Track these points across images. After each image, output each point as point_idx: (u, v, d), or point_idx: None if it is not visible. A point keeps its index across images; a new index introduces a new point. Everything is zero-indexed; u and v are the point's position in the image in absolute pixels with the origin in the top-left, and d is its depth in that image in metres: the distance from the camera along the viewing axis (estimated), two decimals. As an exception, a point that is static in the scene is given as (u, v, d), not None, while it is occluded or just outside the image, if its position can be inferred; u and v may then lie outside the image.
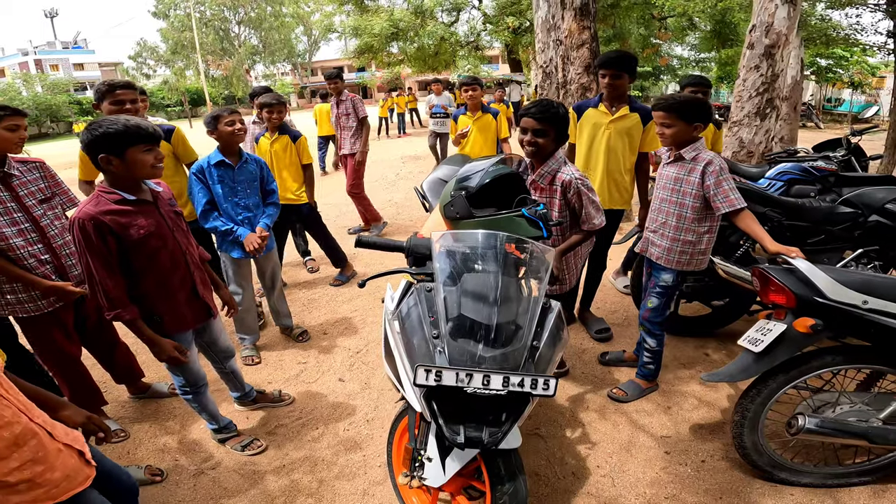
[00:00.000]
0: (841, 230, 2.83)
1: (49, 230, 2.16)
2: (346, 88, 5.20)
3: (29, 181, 2.14)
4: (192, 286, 2.06)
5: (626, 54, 2.85)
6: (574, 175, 2.25)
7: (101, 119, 1.74)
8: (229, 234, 2.84)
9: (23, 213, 2.09)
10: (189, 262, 2.04)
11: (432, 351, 1.41)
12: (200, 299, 2.11)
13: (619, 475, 2.17)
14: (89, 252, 1.74)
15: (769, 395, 1.92)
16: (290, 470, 2.29)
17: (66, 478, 1.24)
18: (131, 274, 1.87)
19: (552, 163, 2.28)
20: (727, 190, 2.15)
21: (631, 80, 2.84)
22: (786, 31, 4.43)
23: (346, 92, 5.16)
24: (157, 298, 1.94)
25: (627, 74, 2.80)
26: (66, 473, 1.24)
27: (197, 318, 2.12)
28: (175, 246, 1.97)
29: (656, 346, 2.56)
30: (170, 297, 1.98)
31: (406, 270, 1.69)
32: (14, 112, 2.08)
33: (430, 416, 1.38)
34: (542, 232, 1.76)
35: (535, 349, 1.45)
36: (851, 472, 2.01)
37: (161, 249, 1.90)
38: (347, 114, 5.08)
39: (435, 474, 1.61)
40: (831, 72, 15.27)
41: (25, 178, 2.13)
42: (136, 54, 37.42)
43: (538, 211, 1.77)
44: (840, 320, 1.72)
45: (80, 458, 1.32)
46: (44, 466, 1.19)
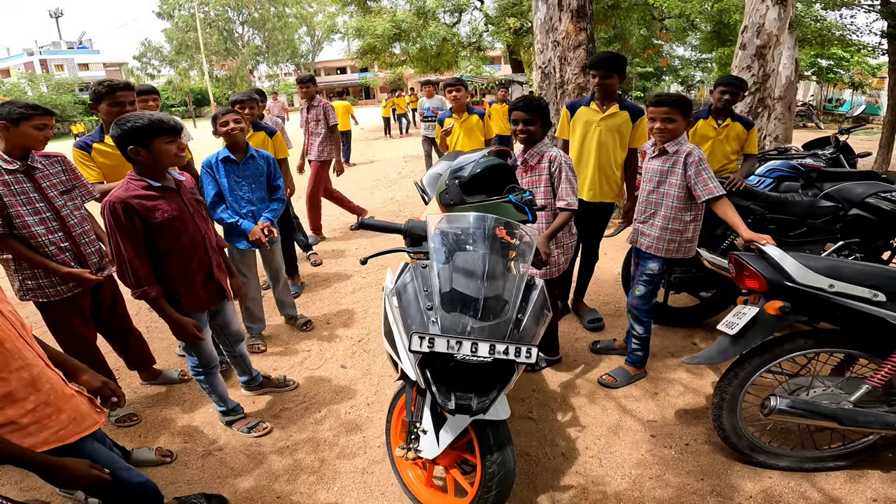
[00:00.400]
0: (822, 223, 2.94)
1: (69, 220, 2.30)
2: (317, 93, 5.19)
3: (51, 174, 2.28)
4: (209, 269, 2.22)
5: (615, 56, 2.98)
6: (560, 153, 2.51)
7: (128, 115, 1.92)
8: (235, 226, 2.97)
9: (45, 203, 2.22)
10: (207, 246, 2.21)
11: (426, 321, 1.55)
12: (216, 282, 2.27)
13: (606, 456, 2.28)
14: (119, 232, 1.91)
15: (746, 378, 2.03)
16: (294, 450, 2.41)
17: (73, 420, 1.36)
18: (156, 256, 2.04)
19: (541, 145, 2.54)
20: (706, 179, 2.28)
21: (620, 80, 2.96)
22: (777, 32, 4.54)
23: (319, 97, 5.17)
24: (177, 279, 2.11)
25: (616, 74, 2.93)
26: (72, 416, 1.36)
27: (212, 300, 2.29)
28: (195, 230, 2.14)
29: (644, 333, 2.68)
30: (189, 278, 2.15)
31: (404, 249, 1.84)
32: (44, 112, 2.20)
33: (424, 384, 1.50)
34: (528, 217, 1.89)
35: (520, 322, 1.59)
36: (827, 457, 2.10)
37: (182, 233, 2.07)
38: (318, 120, 5.07)
39: (429, 446, 1.73)
40: (832, 72, 15.34)
41: (48, 171, 2.27)
42: (141, 54, 37.73)
43: (524, 197, 1.91)
44: (808, 303, 1.84)
45: (91, 404, 1.45)
46: (53, 409, 1.31)
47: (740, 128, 3.34)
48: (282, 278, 3.47)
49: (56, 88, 33.06)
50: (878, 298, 1.76)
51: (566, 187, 2.46)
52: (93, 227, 2.47)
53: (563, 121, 3.27)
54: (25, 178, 2.18)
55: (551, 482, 2.14)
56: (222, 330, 2.50)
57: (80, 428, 1.38)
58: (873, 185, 2.92)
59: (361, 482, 2.18)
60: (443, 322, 1.52)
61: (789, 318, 1.87)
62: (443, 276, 1.59)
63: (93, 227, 2.47)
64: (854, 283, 1.78)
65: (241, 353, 2.66)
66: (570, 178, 2.48)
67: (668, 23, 13.65)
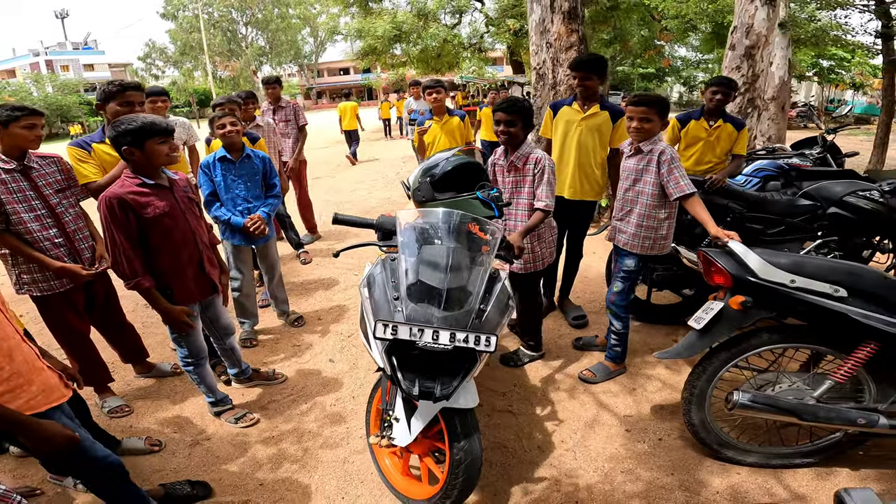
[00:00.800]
0: (801, 222, 2.99)
1: (64, 217, 2.38)
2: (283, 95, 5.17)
3: (47, 173, 2.36)
4: (199, 263, 2.32)
5: (595, 57, 3.05)
6: (545, 156, 2.57)
7: (122, 118, 2.03)
8: (227, 222, 3.06)
9: (40, 200, 2.31)
10: (198, 241, 2.31)
11: (393, 311, 1.64)
12: (207, 276, 2.37)
13: (580, 450, 2.34)
14: (114, 226, 2.02)
15: (713, 373, 2.08)
16: (279, 440, 2.48)
17: (43, 391, 1.48)
18: (148, 250, 2.14)
19: (525, 147, 2.59)
20: (678, 177, 2.35)
21: (601, 81, 3.02)
22: (766, 32, 4.59)
23: (286, 98, 5.17)
24: (169, 272, 2.21)
25: (596, 76, 3.00)
26: (42, 388, 1.48)
27: (203, 293, 2.39)
28: (186, 226, 2.24)
29: (622, 329, 2.73)
30: (180, 271, 2.24)
31: (373, 243, 1.92)
32: (31, 112, 2.28)
33: (390, 370, 1.57)
34: (494, 212, 1.96)
35: (482, 312, 1.66)
36: (794, 454, 2.14)
37: (173, 228, 2.18)
38: (287, 120, 5.07)
39: (402, 434, 1.80)
40: (833, 73, 15.31)
41: (44, 171, 2.35)
42: (146, 55, 38.02)
43: (491, 194, 1.98)
44: (770, 298, 1.89)
45: (60, 380, 1.57)
46: (24, 379, 1.43)
47: (731, 128, 3.37)
48: (276, 274, 3.55)
49: (61, 89, 33.30)
50: (839, 294, 1.81)
51: (545, 189, 2.53)
52: (87, 224, 2.56)
53: (547, 120, 3.34)
54: (22, 177, 2.27)
55: (526, 474, 2.20)
56: (213, 323, 2.58)
57: (49, 399, 1.49)
58: (852, 184, 2.96)
59: (342, 470, 2.25)
60: (408, 311, 1.60)
61: (752, 313, 1.92)
62: (410, 268, 1.67)
63: (87, 224, 2.56)
64: (815, 279, 1.83)
65: (230, 345, 2.74)
66: (550, 181, 2.54)
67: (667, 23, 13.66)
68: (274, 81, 5.08)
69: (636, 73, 29.31)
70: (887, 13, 6.05)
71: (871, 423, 1.84)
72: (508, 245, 2.08)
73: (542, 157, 2.55)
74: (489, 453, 2.31)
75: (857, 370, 1.91)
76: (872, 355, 1.85)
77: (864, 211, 2.91)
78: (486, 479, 2.16)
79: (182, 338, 2.36)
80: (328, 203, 7.23)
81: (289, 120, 5.07)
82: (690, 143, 3.46)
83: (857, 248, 3.07)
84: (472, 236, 1.77)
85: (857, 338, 1.87)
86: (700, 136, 3.42)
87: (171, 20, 36.02)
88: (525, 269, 2.75)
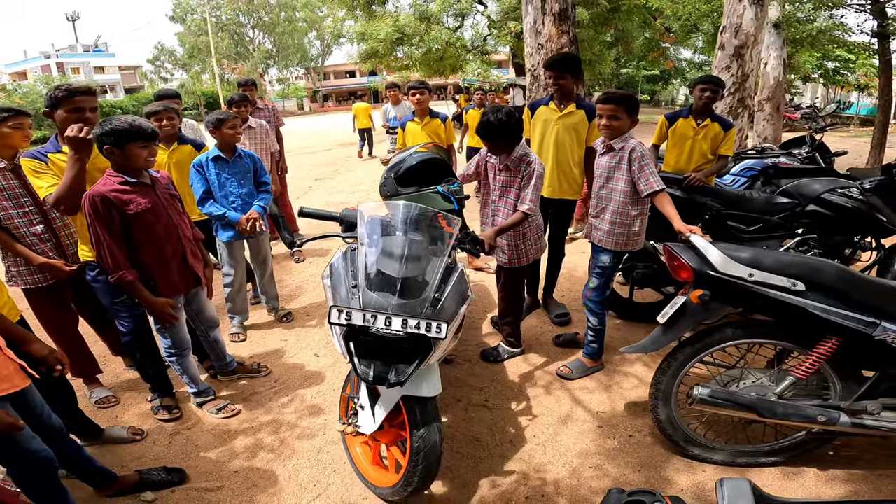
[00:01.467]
0: (780, 219, 3.00)
1: (51, 213, 2.46)
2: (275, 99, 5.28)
3: None
4: (182, 256, 2.40)
5: (568, 57, 3.11)
6: (537, 160, 2.58)
7: (112, 117, 2.11)
8: (222, 217, 3.16)
9: (29, 197, 2.39)
10: (181, 235, 2.38)
11: (350, 298, 1.70)
12: (190, 268, 2.44)
13: (551, 445, 2.37)
14: (98, 222, 2.10)
15: (678, 369, 2.10)
16: (257, 430, 2.54)
17: (5, 378, 1.57)
18: (131, 245, 2.22)
19: (519, 149, 2.58)
20: (648, 174, 2.38)
21: (575, 81, 3.07)
22: (754, 32, 4.60)
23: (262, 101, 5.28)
24: (152, 266, 2.29)
25: (570, 75, 3.05)
26: (4, 375, 1.57)
27: (187, 285, 2.47)
28: (168, 221, 2.32)
29: (598, 325, 2.76)
30: (163, 265, 2.32)
31: (336, 235, 1.98)
32: (17, 112, 2.38)
33: (347, 355, 1.62)
34: (454, 206, 2.02)
35: (437, 301, 1.70)
36: (759, 452, 2.14)
37: (155, 224, 2.26)
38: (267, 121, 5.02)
39: (367, 421, 1.85)
40: (838, 74, 15.20)
41: None
42: (155, 58, 38.45)
43: (450, 188, 2.03)
44: (730, 292, 1.91)
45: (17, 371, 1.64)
46: None
47: (718, 128, 3.37)
48: (268, 270, 3.62)
49: (72, 91, 33.70)
50: (797, 288, 1.83)
51: (530, 192, 2.53)
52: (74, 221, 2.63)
53: (525, 119, 3.38)
54: (12, 175, 2.36)
55: (495, 467, 2.23)
56: (197, 315, 2.66)
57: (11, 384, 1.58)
58: (830, 182, 2.97)
59: (316, 460, 2.30)
60: (364, 299, 1.66)
61: (713, 306, 1.95)
62: (369, 258, 1.73)
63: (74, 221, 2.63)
64: (774, 273, 1.85)
65: (214, 338, 2.82)
66: (536, 185, 2.54)
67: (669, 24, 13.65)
68: (250, 84, 5.14)
69: (640, 75, 29.26)
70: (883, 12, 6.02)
71: (832, 420, 1.85)
72: (475, 239, 2.12)
73: (534, 161, 2.56)
74: (462, 446, 2.35)
75: (819, 366, 1.92)
76: (834, 351, 1.86)
77: (843, 208, 2.92)
78: (455, 472, 2.20)
79: (166, 329, 2.43)
80: (329, 204, 7.30)
81: (269, 121, 5.11)
82: (677, 142, 3.49)
83: (838, 245, 3.08)
84: (432, 228, 1.82)
85: (818, 333, 1.88)
86: (687, 135, 3.44)
87: (180, 23, 36.47)
88: (509, 263, 2.79)
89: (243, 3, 36.80)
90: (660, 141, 3.65)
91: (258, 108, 5.12)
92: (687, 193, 3.09)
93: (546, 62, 3.12)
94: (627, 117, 2.43)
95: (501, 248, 2.71)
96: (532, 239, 2.79)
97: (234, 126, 3.16)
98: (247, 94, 4.70)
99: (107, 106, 31.79)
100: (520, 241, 2.74)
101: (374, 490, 2.02)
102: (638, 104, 2.51)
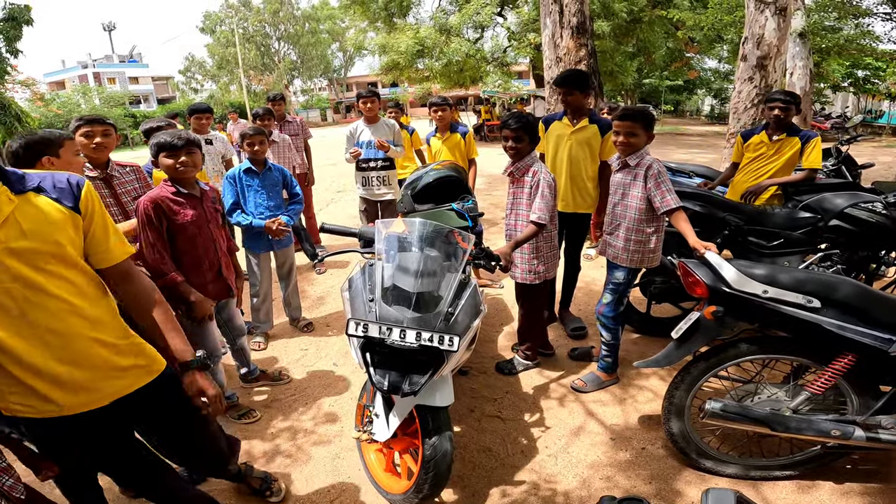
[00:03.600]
0: (801, 234, 2.96)
1: None
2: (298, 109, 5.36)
3: (126, 181, 2.60)
4: (218, 268, 2.52)
5: (574, 73, 3.14)
6: (543, 171, 2.60)
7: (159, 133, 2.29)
8: (250, 226, 3.31)
9: (118, 207, 2.54)
10: (218, 248, 2.51)
11: (367, 311, 1.76)
12: (223, 279, 2.56)
13: (563, 456, 2.38)
14: (149, 227, 2.24)
15: (692, 383, 2.10)
16: (275, 436, 2.61)
17: None
18: (174, 252, 2.34)
19: (528, 159, 2.64)
20: (664, 192, 2.38)
21: (585, 95, 3.11)
22: (777, 43, 4.55)
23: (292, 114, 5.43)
24: (189, 274, 2.40)
25: (578, 90, 3.09)
26: None
27: (219, 294, 2.58)
28: (208, 234, 2.45)
29: (611, 340, 2.76)
30: (200, 274, 2.45)
31: (355, 250, 2.05)
32: (89, 121, 2.44)
33: (364, 365, 1.68)
34: (468, 223, 2.07)
35: (451, 315, 1.76)
36: (773, 465, 2.12)
37: (197, 236, 2.39)
38: (295, 135, 5.22)
39: (381, 429, 1.90)
40: (869, 83, 14.80)
41: (123, 179, 2.59)
42: (186, 69, 39.82)
43: (465, 206, 2.08)
44: (744, 308, 1.91)
45: None
46: None
47: (796, 141, 3.25)
48: (292, 281, 3.73)
49: (107, 101, 35.13)
50: (813, 305, 1.82)
51: (540, 202, 2.54)
52: None
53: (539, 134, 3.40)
54: (103, 185, 2.49)
55: (507, 477, 2.25)
56: (227, 323, 2.78)
57: None
58: (853, 196, 2.92)
59: (332, 466, 2.36)
60: (381, 312, 1.72)
61: (727, 323, 1.94)
62: (385, 273, 1.79)
63: None
64: (789, 290, 1.84)
65: (241, 346, 2.92)
66: (545, 194, 2.54)
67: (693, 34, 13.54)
68: (279, 98, 5.24)
69: (664, 85, 28.95)
70: (913, 22, 5.88)
71: (846, 434, 1.83)
72: (490, 254, 2.17)
73: (540, 169, 2.60)
74: (474, 455, 2.38)
75: (835, 382, 1.90)
76: (850, 367, 1.84)
77: (866, 223, 2.86)
78: (467, 480, 2.22)
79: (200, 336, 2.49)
80: (351, 216, 7.40)
81: (296, 134, 5.24)
82: (752, 158, 3.43)
83: (862, 261, 3.01)
84: (446, 244, 1.88)
85: (834, 349, 1.87)
86: (760, 150, 3.38)
87: (210, 34, 37.70)
88: (524, 279, 2.81)
89: (269, 15, 37.89)
90: (736, 159, 3.58)
91: (287, 122, 5.24)
92: (706, 208, 3.07)
93: (555, 79, 3.17)
94: (644, 133, 2.45)
95: (514, 262, 2.74)
96: (545, 256, 2.78)
97: (257, 142, 3.31)
98: (272, 108, 4.84)
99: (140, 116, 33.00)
100: (532, 255, 2.75)
101: (386, 496, 2.07)
102: (653, 119, 2.53)
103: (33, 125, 12.14)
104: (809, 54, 6.12)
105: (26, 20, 11.55)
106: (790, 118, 3.28)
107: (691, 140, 17.98)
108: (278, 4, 37.52)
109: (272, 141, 4.48)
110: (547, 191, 2.56)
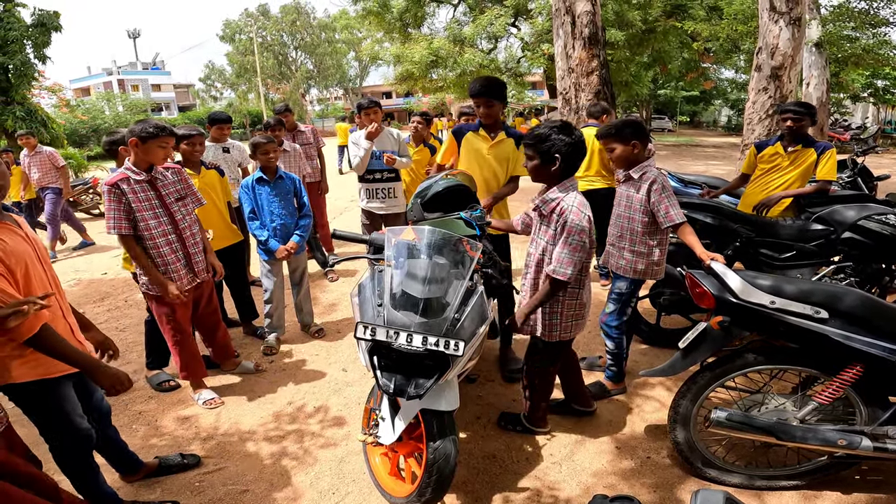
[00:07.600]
0: (814, 246, 2.93)
1: (181, 223, 2.70)
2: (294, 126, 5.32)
3: (169, 182, 2.69)
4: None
5: (492, 81, 2.83)
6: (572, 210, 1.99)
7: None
8: (265, 243, 3.44)
9: (163, 209, 2.64)
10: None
11: (375, 316, 1.81)
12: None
13: (567, 463, 2.38)
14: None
15: (698, 393, 2.10)
16: (283, 438, 2.66)
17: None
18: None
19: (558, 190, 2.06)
20: (668, 206, 2.39)
21: (503, 105, 2.92)
22: (791, 53, 4.53)
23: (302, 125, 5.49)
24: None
25: (497, 100, 2.83)
26: None
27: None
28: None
29: (615, 349, 2.76)
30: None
31: (365, 256, 2.10)
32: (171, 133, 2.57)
33: (371, 368, 1.72)
34: (476, 231, 2.11)
35: (457, 321, 1.79)
36: (779, 475, 2.10)
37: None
38: (307, 144, 5.25)
39: (387, 432, 1.93)
40: (889, 93, 14.56)
41: (167, 181, 2.68)
42: (206, 77, 40.76)
43: (473, 214, 2.13)
44: (751, 319, 1.90)
45: None
46: None
47: (812, 152, 3.22)
48: (304, 287, 3.80)
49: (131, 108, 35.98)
50: (820, 315, 1.81)
51: (559, 250, 2.01)
52: (200, 231, 2.87)
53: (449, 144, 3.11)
54: (149, 187, 2.59)
55: (510, 483, 2.26)
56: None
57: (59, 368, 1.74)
58: (866, 208, 2.89)
59: (337, 469, 2.39)
60: (389, 317, 1.77)
61: (733, 333, 1.94)
62: (394, 279, 1.85)
63: (200, 231, 2.87)
64: (796, 300, 1.84)
65: None
66: (571, 244, 1.98)
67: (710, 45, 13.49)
68: (286, 110, 5.27)
69: (679, 96, 28.80)
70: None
71: (853, 444, 1.81)
72: (497, 263, 2.20)
73: (570, 209, 1.98)
74: (478, 461, 2.39)
75: (843, 392, 1.88)
76: (858, 377, 1.83)
77: (880, 236, 2.83)
78: (470, 486, 2.24)
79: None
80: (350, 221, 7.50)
81: (308, 143, 5.30)
82: (766, 169, 3.41)
83: (875, 274, 2.97)
84: (454, 252, 1.93)
85: (842, 360, 1.86)
86: (776, 161, 3.36)
87: (229, 43, 38.57)
88: (541, 334, 2.28)
89: (287, 24, 38.66)
90: (749, 170, 3.55)
91: (300, 131, 5.34)
92: (718, 220, 3.05)
93: (470, 90, 2.83)
94: (622, 144, 2.46)
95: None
96: (565, 315, 2.19)
97: (270, 151, 3.40)
98: (282, 118, 4.93)
99: (161, 123, 33.59)
100: (546, 310, 2.20)
101: (390, 500, 2.09)
102: (638, 129, 2.49)
103: (59, 131, 12.44)
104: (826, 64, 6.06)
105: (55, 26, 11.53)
106: (804, 129, 3.24)
107: (707, 151, 17.83)
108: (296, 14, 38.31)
109: (283, 150, 4.58)
110: (576, 241, 1.98)
